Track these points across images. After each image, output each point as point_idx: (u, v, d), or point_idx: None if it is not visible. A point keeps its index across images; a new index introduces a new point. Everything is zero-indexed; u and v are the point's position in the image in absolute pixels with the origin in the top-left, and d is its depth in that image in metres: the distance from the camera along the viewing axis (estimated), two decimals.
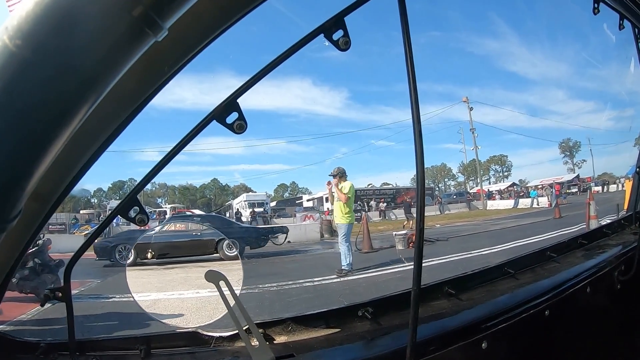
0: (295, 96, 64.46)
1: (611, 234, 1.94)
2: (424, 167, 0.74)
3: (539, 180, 41.34)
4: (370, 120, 76.34)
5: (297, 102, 70.11)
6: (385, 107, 61.76)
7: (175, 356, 1.00)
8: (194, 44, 0.66)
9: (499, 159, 54.84)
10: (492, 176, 44.51)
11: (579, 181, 39.22)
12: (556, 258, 1.59)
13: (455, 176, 55.43)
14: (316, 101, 67.82)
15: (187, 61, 0.67)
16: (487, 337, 1.05)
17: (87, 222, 27.68)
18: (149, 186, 52.62)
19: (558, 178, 40.32)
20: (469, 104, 35.92)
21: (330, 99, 64.66)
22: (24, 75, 0.41)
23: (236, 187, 57.03)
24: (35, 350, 0.98)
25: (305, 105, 71.75)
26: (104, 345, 1.03)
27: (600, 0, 1.35)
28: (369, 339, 1.04)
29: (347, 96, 61.18)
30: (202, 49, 0.68)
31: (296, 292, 6.21)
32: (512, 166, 54.27)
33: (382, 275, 7.12)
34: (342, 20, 0.76)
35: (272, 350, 0.92)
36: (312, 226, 17.79)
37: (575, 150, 38.34)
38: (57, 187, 0.72)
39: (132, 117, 0.68)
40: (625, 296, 1.59)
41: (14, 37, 0.40)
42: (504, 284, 1.37)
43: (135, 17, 0.42)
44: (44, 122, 0.44)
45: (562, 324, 1.29)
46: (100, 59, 0.44)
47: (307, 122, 66.11)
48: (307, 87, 62.50)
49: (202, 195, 57.86)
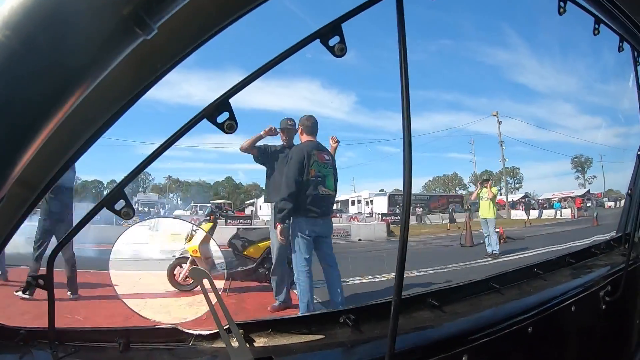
0: (302, 98, 64.25)
1: (599, 254, 1.94)
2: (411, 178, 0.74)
3: (550, 193, 41.87)
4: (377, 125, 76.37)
5: (304, 103, 70.01)
6: (393, 114, 61.70)
7: (153, 352, 1.00)
8: (188, 41, 0.66)
9: (511, 170, 55.04)
10: (503, 187, 44.54)
11: (591, 196, 39.68)
12: (543, 275, 1.59)
13: (466, 186, 55.51)
14: (324, 104, 67.68)
15: (181, 59, 0.67)
16: (468, 351, 1.05)
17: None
18: (162, 180, 51.96)
19: (569, 192, 41.13)
20: (498, 117, 36.31)
21: (338, 103, 64.51)
22: (11, 66, 0.41)
23: (249, 186, 56.86)
24: (14, 336, 0.97)
25: (312, 107, 71.64)
26: (83, 336, 1.02)
27: (601, 21, 1.36)
28: (349, 346, 1.04)
29: (355, 100, 60.90)
30: (198, 47, 0.68)
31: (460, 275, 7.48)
32: (523, 178, 54.36)
33: (519, 258, 9.21)
34: (339, 27, 0.77)
35: (252, 351, 0.92)
36: (380, 226, 19.82)
37: (587, 166, 38.66)
38: (44, 176, 0.72)
39: (122, 111, 0.68)
40: (610, 317, 1.59)
41: (3, 27, 0.40)
42: (489, 299, 1.37)
43: (125, 16, 0.42)
44: (29, 114, 0.44)
45: (545, 341, 1.29)
46: (88, 55, 0.44)
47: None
48: (315, 90, 62.39)
49: (215, 192, 57.49)
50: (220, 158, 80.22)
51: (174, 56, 0.66)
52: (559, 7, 1.23)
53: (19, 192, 0.70)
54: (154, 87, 0.68)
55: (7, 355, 0.96)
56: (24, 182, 0.68)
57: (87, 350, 0.99)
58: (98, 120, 0.69)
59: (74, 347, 0.97)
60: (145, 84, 0.66)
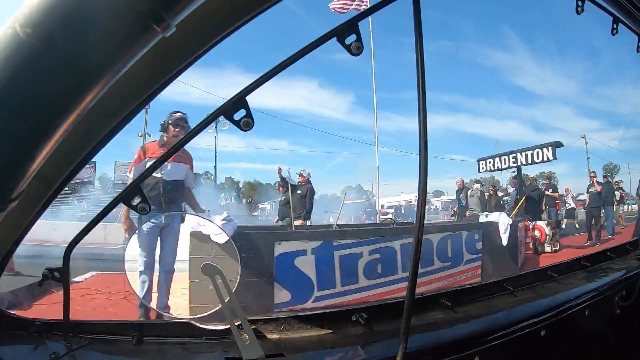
0: (300, 97, 63.92)
1: (614, 258, 1.91)
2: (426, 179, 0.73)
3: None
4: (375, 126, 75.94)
5: (302, 103, 69.75)
6: (391, 114, 61.02)
7: (166, 346, 1.01)
8: (204, 40, 0.66)
9: (548, 175, 54.31)
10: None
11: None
12: (557, 278, 1.57)
13: (506, 189, 55.13)
14: (322, 104, 67.27)
15: (197, 57, 0.67)
16: (480, 353, 1.04)
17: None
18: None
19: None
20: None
21: (336, 103, 64.11)
22: (31, 63, 0.42)
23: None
24: (29, 327, 0.99)
25: (310, 107, 71.23)
26: (97, 328, 1.04)
27: (620, 21, 1.33)
28: (360, 345, 1.04)
29: (354, 100, 60.30)
30: (213, 46, 0.68)
31: None
32: (557, 182, 53.58)
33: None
34: (355, 25, 0.76)
35: (263, 347, 0.92)
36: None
37: (616, 172, 37.94)
38: (61, 171, 0.73)
39: (139, 108, 0.69)
40: (625, 322, 1.56)
41: (24, 25, 0.41)
42: (502, 300, 1.36)
43: (143, 13, 0.42)
44: (48, 110, 0.45)
45: (557, 345, 1.28)
46: (106, 52, 0.44)
47: (311, 123, 65.72)
48: (314, 89, 62.04)
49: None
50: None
51: (191, 54, 0.66)
52: (576, 7, 1.20)
53: (37, 188, 0.71)
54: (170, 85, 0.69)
55: (22, 346, 0.98)
56: (42, 178, 0.69)
57: (101, 342, 1.00)
58: (116, 117, 0.70)
59: (88, 339, 0.99)
60: (163, 81, 0.66)
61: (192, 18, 0.52)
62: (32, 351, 0.96)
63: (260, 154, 58.61)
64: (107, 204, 0.83)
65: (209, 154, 25.25)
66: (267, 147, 56.69)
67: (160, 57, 0.62)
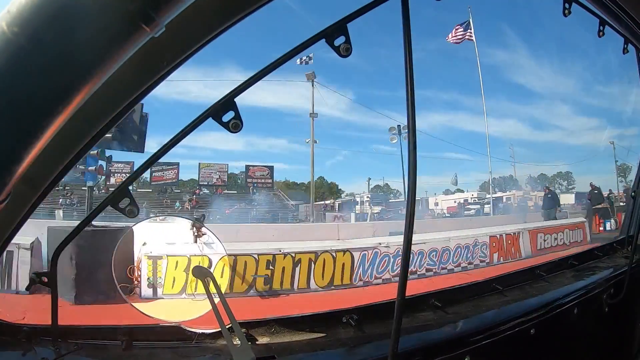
0: (299, 95, 63.93)
1: (602, 257, 1.94)
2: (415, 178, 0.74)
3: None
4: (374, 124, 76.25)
5: (301, 101, 69.77)
6: (390, 112, 61.36)
7: (156, 350, 1.00)
8: (194, 40, 0.66)
9: (566, 174, 54.62)
10: (557, 188, 43.95)
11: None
12: (545, 277, 1.59)
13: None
14: (320, 102, 67.39)
15: (187, 57, 0.67)
16: (470, 352, 1.05)
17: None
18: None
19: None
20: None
21: (335, 100, 64.14)
22: (18, 62, 0.41)
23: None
24: (17, 333, 0.97)
25: (308, 105, 71.32)
26: (86, 333, 1.02)
27: (606, 23, 1.36)
28: (351, 346, 1.04)
29: (353, 98, 60.48)
30: (203, 46, 0.68)
31: None
32: (574, 182, 53.86)
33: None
34: (344, 27, 0.77)
35: (254, 350, 0.91)
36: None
37: (628, 171, 38.40)
38: (50, 173, 0.72)
39: (128, 109, 0.68)
40: (613, 320, 1.59)
41: (11, 23, 0.40)
42: (491, 300, 1.37)
43: (132, 13, 0.42)
44: (35, 110, 0.44)
45: (547, 343, 1.29)
46: (95, 52, 0.44)
47: (309, 122, 65.87)
48: (311, 87, 62.15)
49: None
50: (212, 155, 79.01)
51: (180, 54, 0.66)
52: (563, 9, 1.22)
53: (23, 190, 0.70)
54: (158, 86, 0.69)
55: (9, 352, 0.96)
56: (29, 180, 0.68)
57: (90, 347, 0.99)
58: (105, 117, 0.69)
59: (77, 344, 0.97)
60: (152, 82, 0.66)
61: (181, 18, 0.52)
62: (20, 357, 0.94)
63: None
64: (95, 207, 0.82)
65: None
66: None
67: (150, 57, 0.62)
